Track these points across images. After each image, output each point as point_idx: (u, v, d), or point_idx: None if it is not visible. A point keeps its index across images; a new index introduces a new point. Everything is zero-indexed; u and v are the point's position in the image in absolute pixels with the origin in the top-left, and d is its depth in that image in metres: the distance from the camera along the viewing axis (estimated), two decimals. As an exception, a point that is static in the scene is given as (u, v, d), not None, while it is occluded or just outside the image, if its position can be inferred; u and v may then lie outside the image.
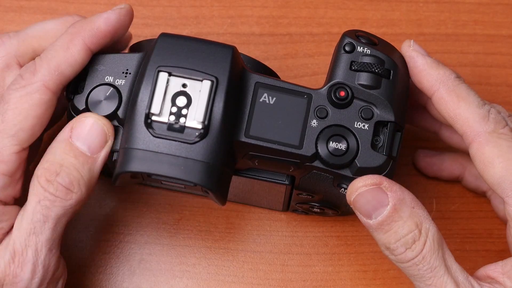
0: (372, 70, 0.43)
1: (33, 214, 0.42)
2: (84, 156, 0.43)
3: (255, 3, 0.58)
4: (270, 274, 0.53)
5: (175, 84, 0.42)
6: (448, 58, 0.57)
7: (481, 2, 0.58)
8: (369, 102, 0.44)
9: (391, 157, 0.44)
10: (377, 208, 0.42)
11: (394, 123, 0.44)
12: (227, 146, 0.43)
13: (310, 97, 0.44)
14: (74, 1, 0.57)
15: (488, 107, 0.44)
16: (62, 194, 0.42)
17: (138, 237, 0.53)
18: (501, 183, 0.43)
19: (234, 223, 0.54)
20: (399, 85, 0.44)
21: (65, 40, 0.44)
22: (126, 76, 0.44)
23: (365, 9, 0.58)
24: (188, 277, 0.53)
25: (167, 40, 0.43)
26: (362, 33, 0.45)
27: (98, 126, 0.43)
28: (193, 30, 0.57)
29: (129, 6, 0.46)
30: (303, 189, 0.48)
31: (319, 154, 0.43)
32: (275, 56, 0.57)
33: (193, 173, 0.42)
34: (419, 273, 0.42)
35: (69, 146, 0.43)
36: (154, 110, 0.42)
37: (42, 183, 0.42)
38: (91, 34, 0.44)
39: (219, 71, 0.42)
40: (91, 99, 0.44)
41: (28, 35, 0.47)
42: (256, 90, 0.44)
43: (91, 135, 0.43)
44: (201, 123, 0.42)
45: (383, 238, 0.43)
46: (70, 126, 0.43)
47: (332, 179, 0.44)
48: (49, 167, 0.42)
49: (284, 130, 0.43)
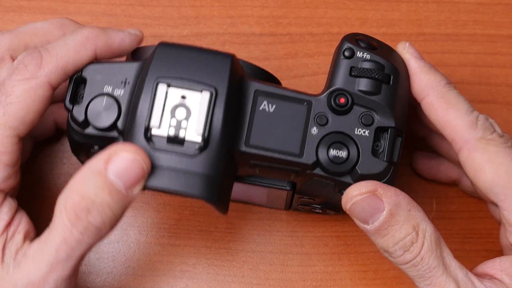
0: (372, 76, 0.43)
1: (56, 252, 0.40)
2: (119, 194, 0.40)
3: (255, 3, 0.58)
4: (270, 274, 0.53)
5: (174, 96, 0.42)
6: (448, 58, 0.57)
7: (481, 2, 0.58)
8: (369, 108, 0.43)
9: (392, 163, 0.44)
10: (373, 214, 0.42)
11: (394, 129, 0.43)
12: (228, 156, 0.42)
13: (310, 104, 0.43)
14: (74, 1, 0.57)
15: (477, 114, 0.44)
16: (91, 234, 0.40)
17: (138, 237, 0.53)
18: (493, 188, 0.43)
19: (234, 223, 0.54)
20: (400, 89, 0.44)
21: (78, 42, 0.44)
22: (125, 86, 0.43)
23: (365, 9, 0.58)
24: (188, 277, 0.53)
25: (165, 50, 0.42)
26: (361, 37, 0.45)
27: (138, 163, 0.40)
28: (193, 30, 0.57)
29: (142, 34, 0.46)
30: (305, 193, 0.48)
31: (320, 162, 0.43)
32: (275, 56, 0.57)
33: (194, 187, 0.41)
34: (418, 274, 0.43)
35: (103, 180, 0.40)
36: (154, 123, 0.41)
37: (71, 218, 0.40)
38: (104, 46, 0.44)
39: (218, 82, 0.42)
40: (91, 110, 0.43)
41: (20, 32, 0.47)
42: (256, 98, 0.43)
43: (128, 172, 0.40)
44: (201, 136, 0.41)
45: (381, 242, 0.43)
46: (105, 157, 0.40)
47: (333, 185, 0.44)
48: (80, 201, 0.40)
49: (284, 138, 0.43)
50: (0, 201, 0.43)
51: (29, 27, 0.47)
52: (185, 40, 0.56)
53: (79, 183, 0.40)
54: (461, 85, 0.57)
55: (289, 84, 0.56)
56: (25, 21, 0.56)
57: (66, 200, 0.40)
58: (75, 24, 0.48)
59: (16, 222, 0.43)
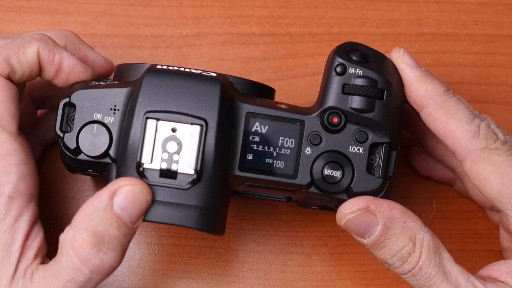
0: (365, 93, 0.43)
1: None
2: (126, 227, 0.40)
3: (255, 3, 0.58)
4: (270, 274, 0.53)
5: (164, 129, 0.41)
6: (448, 58, 0.57)
7: (481, 2, 0.58)
8: (363, 125, 0.43)
9: (387, 178, 0.43)
10: (368, 229, 0.42)
11: (389, 144, 0.43)
12: (222, 183, 0.42)
13: (302, 123, 0.43)
14: (74, 1, 0.57)
15: (478, 122, 0.44)
16: (102, 272, 0.40)
17: (138, 237, 0.53)
18: (499, 198, 0.43)
19: (234, 223, 0.54)
20: (393, 103, 0.43)
21: (25, 39, 0.44)
22: (114, 113, 0.43)
23: (365, 9, 0.58)
24: (188, 277, 0.53)
25: (153, 80, 0.42)
26: (354, 47, 0.44)
27: (143, 197, 0.41)
28: (193, 30, 0.57)
29: (91, 73, 0.45)
30: (301, 203, 0.48)
31: (315, 181, 0.43)
32: (275, 56, 0.57)
33: (190, 220, 0.42)
34: (418, 283, 0.43)
35: (111, 215, 0.40)
36: (145, 159, 0.41)
37: (81, 258, 0.40)
38: (48, 50, 0.44)
39: (208, 112, 0.41)
40: (82, 138, 0.43)
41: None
42: (248, 120, 0.43)
43: (134, 206, 0.41)
44: (193, 169, 0.41)
45: (379, 254, 0.43)
46: (110, 191, 0.41)
47: (329, 201, 0.44)
48: (89, 239, 0.39)
49: (278, 160, 0.43)
50: (22, 206, 0.42)
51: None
52: (185, 40, 0.56)
53: (85, 220, 0.40)
54: (461, 85, 0.57)
55: (289, 84, 0.56)
56: (25, 21, 0.56)
57: (74, 238, 0.40)
58: (79, 39, 0.49)
59: (33, 235, 0.42)
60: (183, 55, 0.56)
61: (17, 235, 0.41)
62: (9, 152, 0.42)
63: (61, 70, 0.44)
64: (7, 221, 0.41)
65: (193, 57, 0.56)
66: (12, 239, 0.41)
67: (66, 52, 0.45)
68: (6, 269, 0.41)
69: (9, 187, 0.42)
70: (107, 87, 0.43)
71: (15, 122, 0.43)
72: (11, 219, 0.41)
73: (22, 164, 0.42)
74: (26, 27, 0.56)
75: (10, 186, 0.42)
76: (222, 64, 0.56)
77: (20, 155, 0.42)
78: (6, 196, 0.41)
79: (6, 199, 0.41)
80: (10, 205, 0.41)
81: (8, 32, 0.56)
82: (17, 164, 0.42)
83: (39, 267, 0.41)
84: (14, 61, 0.43)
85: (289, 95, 0.56)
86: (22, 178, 0.42)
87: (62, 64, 0.44)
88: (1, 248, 0.41)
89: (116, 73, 0.46)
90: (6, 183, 0.41)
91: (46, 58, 0.44)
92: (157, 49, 0.56)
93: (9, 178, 0.42)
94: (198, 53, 0.56)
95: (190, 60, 0.56)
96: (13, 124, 0.43)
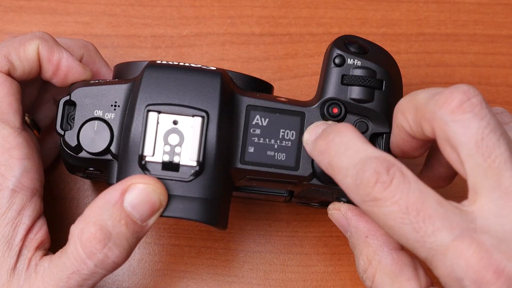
0: (364, 83, 0.43)
1: (68, 279, 0.40)
2: (135, 225, 0.40)
3: (255, 3, 0.58)
4: (270, 274, 0.53)
5: (166, 122, 0.42)
6: (448, 58, 0.57)
7: (481, 2, 0.58)
8: (363, 116, 0.43)
9: None
10: (345, 231, 0.44)
11: (389, 134, 0.43)
12: (224, 176, 0.42)
13: (303, 115, 0.43)
14: (74, 1, 0.57)
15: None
16: (106, 267, 0.40)
17: (138, 237, 0.53)
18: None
19: (234, 223, 0.54)
20: (392, 93, 0.44)
21: (25, 38, 0.44)
22: (115, 109, 0.43)
23: (365, 9, 0.58)
24: (188, 277, 0.53)
25: (154, 74, 0.42)
26: (351, 40, 0.44)
27: (155, 196, 0.40)
28: (193, 30, 0.57)
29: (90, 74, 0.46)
30: (303, 198, 0.48)
31: (316, 173, 0.43)
32: (275, 56, 0.57)
33: (193, 212, 0.42)
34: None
35: (120, 212, 0.40)
36: (147, 151, 0.41)
37: (87, 251, 0.40)
38: (48, 48, 0.44)
39: (209, 104, 0.42)
40: (83, 135, 0.43)
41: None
42: (248, 113, 0.43)
43: (145, 204, 0.40)
44: (195, 161, 0.41)
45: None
46: (121, 188, 0.40)
47: (331, 193, 0.44)
48: (96, 233, 0.39)
49: (279, 152, 0.43)
50: (25, 200, 0.42)
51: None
52: (185, 40, 0.57)
53: (95, 214, 0.40)
54: (461, 85, 0.57)
55: (289, 84, 0.56)
56: (25, 21, 0.56)
57: (82, 231, 0.40)
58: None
59: (36, 229, 0.43)
60: (183, 55, 0.56)
61: (19, 229, 0.42)
62: (13, 146, 0.42)
63: (59, 69, 0.45)
64: (9, 214, 0.42)
65: (193, 57, 0.56)
66: (14, 232, 0.42)
67: (66, 52, 0.45)
68: (7, 261, 0.41)
69: (13, 181, 0.42)
70: (107, 84, 0.44)
71: (18, 117, 0.43)
72: (13, 212, 0.42)
73: (26, 159, 0.42)
74: (26, 27, 0.56)
75: (13, 180, 0.42)
76: (222, 64, 0.56)
77: (24, 149, 0.43)
78: (9, 189, 0.42)
79: (9, 192, 0.42)
80: (13, 198, 0.42)
81: (8, 32, 0.56)
82: (21, 158, 0.42)
83: (44, 258, 0.41)
84: (14, 58, 0.44)
85: (289, 95, 0.56)
86: (26, 172, 0.42)
87: (60, 63, 0.44)
88: (3, 241, 0.41)
89: (115, 73, 0.46)
90: (9, 176, 0.42)
91: (45, 56, 0.44)
92: (157, 49, 0.56)
93: (13, 172, 0.42)
94: (198, 53, 0.56)
95: (190, 60, 0.56)
96: (16, 119, 0.43)
